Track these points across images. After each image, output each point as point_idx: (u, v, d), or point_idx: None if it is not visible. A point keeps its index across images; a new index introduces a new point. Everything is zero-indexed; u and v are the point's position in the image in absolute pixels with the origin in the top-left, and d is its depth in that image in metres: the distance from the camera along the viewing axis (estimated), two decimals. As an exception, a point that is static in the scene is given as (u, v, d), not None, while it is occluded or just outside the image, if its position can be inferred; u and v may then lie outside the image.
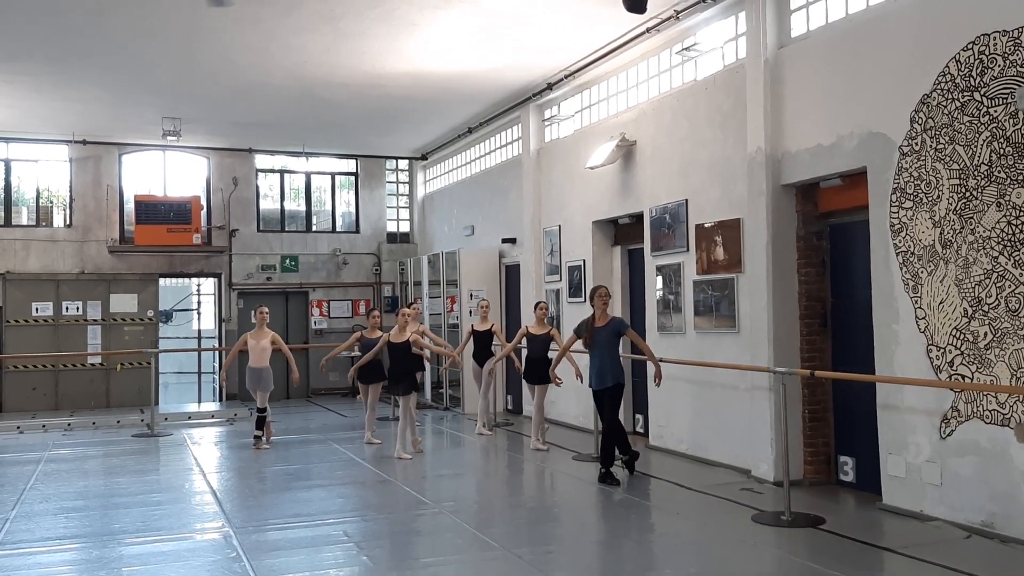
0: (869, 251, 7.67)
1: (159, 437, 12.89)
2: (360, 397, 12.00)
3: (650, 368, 10.72)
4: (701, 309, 9.83)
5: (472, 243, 16.03)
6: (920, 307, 7.14)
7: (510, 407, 14.61)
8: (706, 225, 9.73)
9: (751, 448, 8.95)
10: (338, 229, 19.10)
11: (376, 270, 18.98)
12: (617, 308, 12.03)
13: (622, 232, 12.04)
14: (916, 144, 7.17)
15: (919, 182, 7.15)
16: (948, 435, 6.88)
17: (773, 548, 6.63)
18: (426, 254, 17.36)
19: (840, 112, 7.96)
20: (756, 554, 6.54)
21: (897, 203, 7.35)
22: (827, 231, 8.72)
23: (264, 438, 11.52)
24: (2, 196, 16.89)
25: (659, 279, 10.64)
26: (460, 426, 13.30)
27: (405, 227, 19.68)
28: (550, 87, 12.81)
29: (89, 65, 11.75)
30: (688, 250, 10.04)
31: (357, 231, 19.08)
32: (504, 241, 14.91)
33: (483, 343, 12.36)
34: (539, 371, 10.78)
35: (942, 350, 6.94)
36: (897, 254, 7.35)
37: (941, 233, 6.96)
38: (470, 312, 14.38)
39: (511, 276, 15.00)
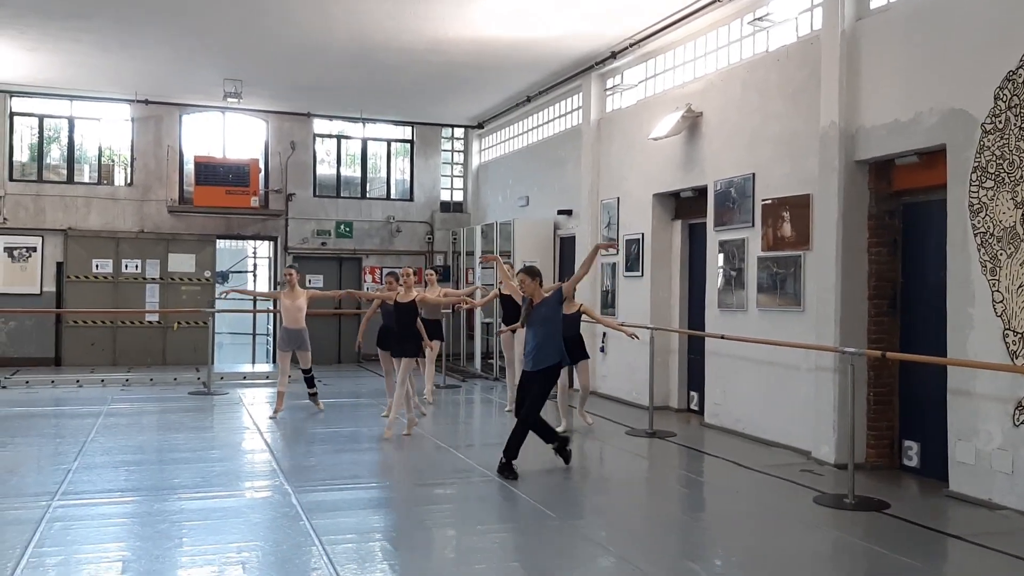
0: (945, 231, 7.42)
1: (214, 395, 13.07)
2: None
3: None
4: (765, 286, 9.64)
5: (527, 214, 15.91)
6: (998, 290, 6.90)
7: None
8: (773, 200, 9.51)
9: (812, 429, 8.78)
10: (392, 196, 19.09)
11: (429, 239, 18.96)
12: (676, 284, 11.89)
13: (684, 206, 11.84)
14: (1000, 122, 6.90)
15: (1001, 161, 6.89)
16: (1022, 423, 6.67)
17: (836, 531, 6.49)
18: (479, 224, 17.29)
19: (920, 87, 7.69)
20: (819, 535, 6.42)
21: (977, 182, 7.10)
22: (900, 210, 8.47)
23: (278, 406, 11.23)
24: (66, 153, 17.18)
25: (721, 255, 10.44)
26: (508, 396, 13.26)
27: (459, 196, 19.61)
28: (614, 56, 12.59)
29: (155, 24, 11.80)
30: (753, 226, 9.83)
31: (411, 199, 19.06)
32: (560, 212, 14.77)
33: (514, 310, 11.79)
34: (573, 350, 9.90)
35: (1020, 335, 6.71)
36: (975, 235, 7.11)
37: (1023, 214, 6.71)
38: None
39: (566, 248, 14.88)
